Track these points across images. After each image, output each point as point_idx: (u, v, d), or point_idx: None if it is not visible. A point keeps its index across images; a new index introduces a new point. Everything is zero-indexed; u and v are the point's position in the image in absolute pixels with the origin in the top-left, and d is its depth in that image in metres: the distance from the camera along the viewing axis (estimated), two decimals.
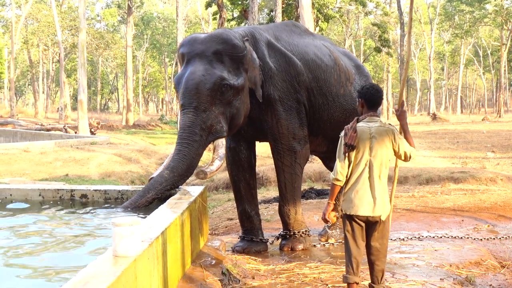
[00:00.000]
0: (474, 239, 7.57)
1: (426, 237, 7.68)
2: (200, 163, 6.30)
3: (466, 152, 20.70)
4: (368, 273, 4.88)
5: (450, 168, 15.58)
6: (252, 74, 6.35)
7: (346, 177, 4.62)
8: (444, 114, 56.99)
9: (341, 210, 4.72)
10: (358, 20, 55.88)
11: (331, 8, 32.19)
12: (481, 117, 50.25)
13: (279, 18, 21.77)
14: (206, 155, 22.79)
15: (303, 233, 7.00)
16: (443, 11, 58.65)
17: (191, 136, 5.94)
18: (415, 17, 63.78)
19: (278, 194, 7.41)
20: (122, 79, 70.80)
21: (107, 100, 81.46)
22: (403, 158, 4.73)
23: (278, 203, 7.12)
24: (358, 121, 4.67)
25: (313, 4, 25.44)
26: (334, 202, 4.74)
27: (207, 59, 6.15)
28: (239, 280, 5.52)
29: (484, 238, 7.62)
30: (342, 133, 4.67)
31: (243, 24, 36.20)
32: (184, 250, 5.17)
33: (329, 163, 7.88)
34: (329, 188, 6.91)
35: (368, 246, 4.68)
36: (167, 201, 5.75)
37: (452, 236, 7.67)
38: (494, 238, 7.68)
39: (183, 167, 5.94)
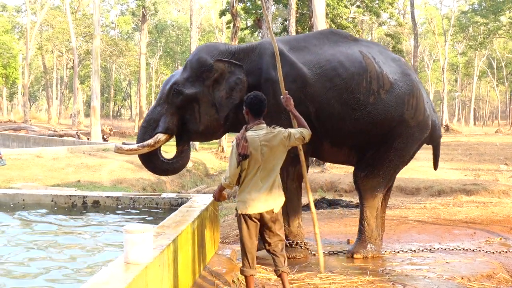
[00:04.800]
0: (486, 252, 7.52)
1: (438, 249, 7.63)
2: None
3: (478, 164, 20.59)
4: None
5: (463, 180, 15.51)
6: (218, 94, 6.82)
7: (238, 181, 4.98)
8: (457, 126, 56.70)
9: (236, 210, 5.06)
10: (371, 31, 55.82)
11: (345, 18, 32.20)
12: (494, 129, 50.00)
13: (292, 28, 21.85)
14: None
15: (295, 244, 7.00)
16: (457, 23, 58.42)
17: (143, 123, 7.03)
18: (428, 28, 63.70)
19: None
20: (135, 86, 71.08)
21: (120, 107, 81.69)
22: (299, 143, 5.15)
23: None
24: (246, 129, 5.00)
25: (326, 14, 25.47)
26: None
27: (184, 66, 7.06)
28: None
29: (496, 251, 7.56)
30: (234, 143, 4.97)
31: (256, 33, 36.31)
32: (195, 258, 5.18)
33: (358, 173, 7.19)
34: (338, 198, 6.88)
35: (269, 240, 5.07)
36: (179, 209, 5.77)
37: (464, 249, 7.62)
38: (506, 251, 7.62)
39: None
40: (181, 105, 6.84)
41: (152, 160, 6.98)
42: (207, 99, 6.82)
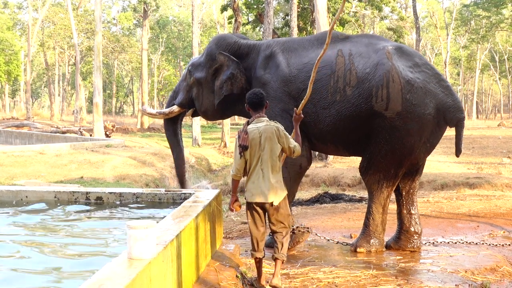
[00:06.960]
0: (490, 245, 7.52)
1: (441, 242, 7.63)
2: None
3: (481, 157, 20.55)
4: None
5: (466, 173, 15.48)
6: (215, 83, 7.66)
7: (246, 171, 5.36)
8: None
9: (245, 199, 5.43)
10: (373, 25, 55.76)
11: (346, 13, 32.12)
12: (497, 122, 49.85)
13: (294, 22, 21.79)
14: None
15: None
16: (459, 16, 58.34)
17: (172, 92, 8.42)
18: (430, 22, 63.60)
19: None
20: (137, 82, 71.05)
21: (122, 103, 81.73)
22: (288, 152, 5.41)
23: None
24: (248, 123, 5.40)
25: (328, 8, 25.39)
26: (237, 195, 5.49)
27: (204, 51, 8.05)
28: (253, 284, 5.52)
29: (500, 244, 7.55)
30: (236, 136, 5.39)
31: (258, 28, 36.26)
32: (199, 253, 5.18)
33: (361, 167, 7.17)
34: (341, 192, 6.87)
35: (273, 227, 5.40)
36: (182, 204, 5.77)
37: (467, 242, 7.62)
38: (509, 245, 7.61)
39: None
40: (192, 85, 7.95)
41: (170, 126, 8.33)
42: (208, 86, 7.79)
